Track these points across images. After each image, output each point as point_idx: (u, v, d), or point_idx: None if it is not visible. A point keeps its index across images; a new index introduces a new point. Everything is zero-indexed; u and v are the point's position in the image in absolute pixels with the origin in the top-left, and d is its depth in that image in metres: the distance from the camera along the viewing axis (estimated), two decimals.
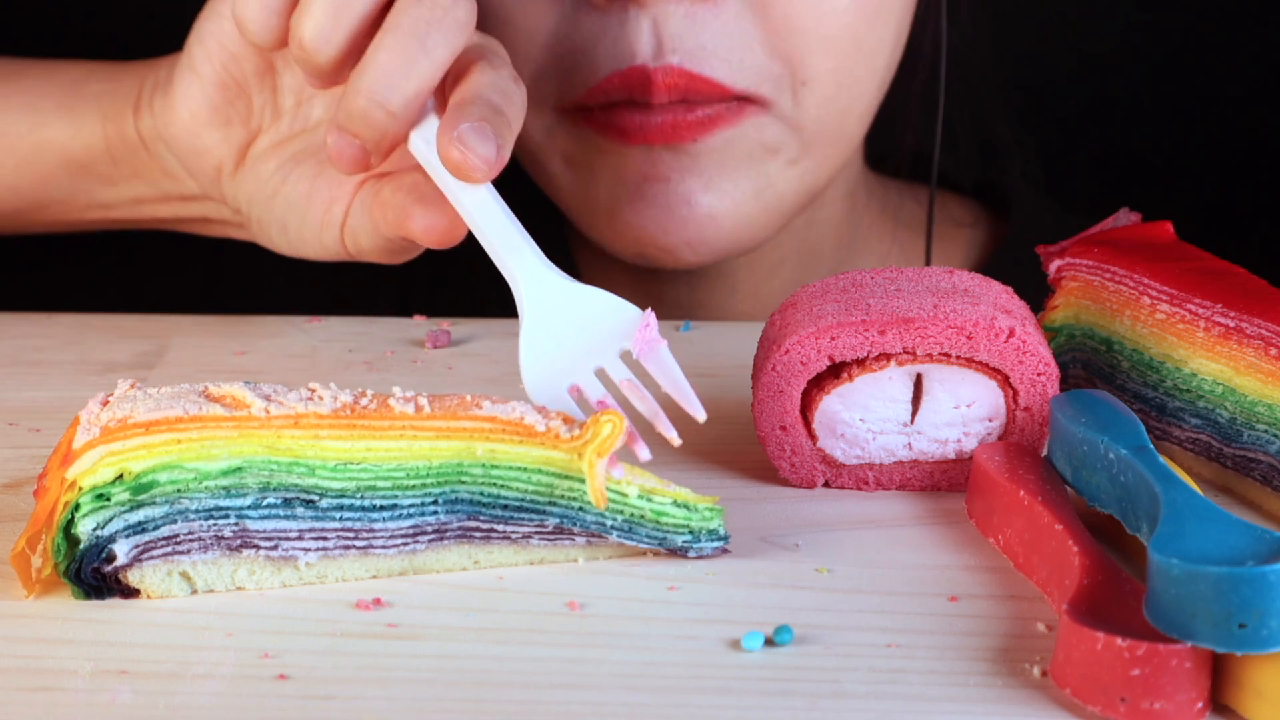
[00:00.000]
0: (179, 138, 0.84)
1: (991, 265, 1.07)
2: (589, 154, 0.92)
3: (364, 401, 0.63)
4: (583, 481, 0.63)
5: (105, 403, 0.63)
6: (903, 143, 1.08)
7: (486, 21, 0.89)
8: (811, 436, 0.70)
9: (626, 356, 0.70)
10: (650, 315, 0.69)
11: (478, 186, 0.73)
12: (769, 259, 1.02)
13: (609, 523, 0.64)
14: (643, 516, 0.64)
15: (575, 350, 0.70)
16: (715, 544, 0.65)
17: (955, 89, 1.05)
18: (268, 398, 0.62)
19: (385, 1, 0.74)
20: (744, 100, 0.89)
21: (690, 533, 0.65)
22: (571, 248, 1.04)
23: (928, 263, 1.04)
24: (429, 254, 1.11)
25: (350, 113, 0.73)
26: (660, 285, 1.03)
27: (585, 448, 0.62)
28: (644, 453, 0.64)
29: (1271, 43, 1.24)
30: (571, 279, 0.72)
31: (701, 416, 0.67)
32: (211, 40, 0.82)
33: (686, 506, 0.64)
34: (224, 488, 0.62)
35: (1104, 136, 1.27)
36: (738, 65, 0.88)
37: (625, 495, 0.64)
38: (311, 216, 0.82)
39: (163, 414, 0.61)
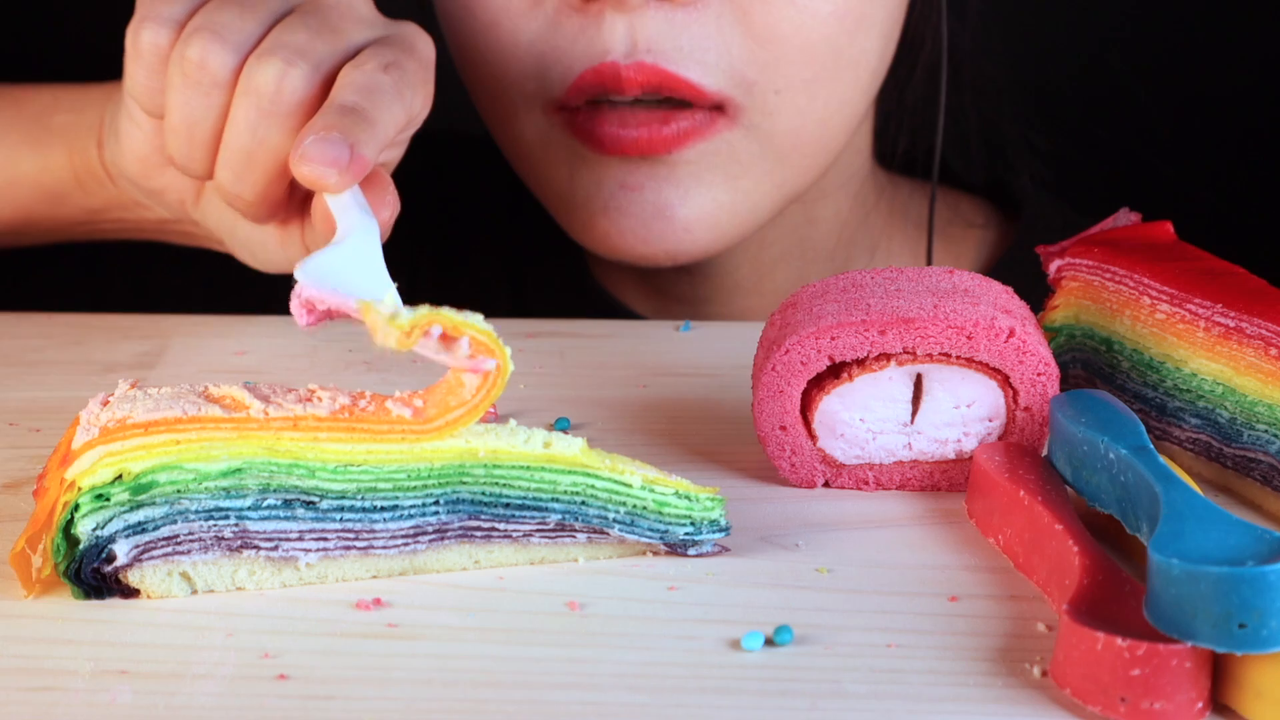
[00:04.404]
0: (135, 179, 0.85)
1: (1001, 265, 1.07)
2: (572, 161, 0.92)
3: (362, 403, 0.63)
4: (586, 475, 0.63)
5: (105, 403, 0.63)
6: (912, 141, 1.08)
7: (471, 26, 0.91)
8: (811, 436, 0.70)
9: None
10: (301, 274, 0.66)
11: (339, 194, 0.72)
12: (773, 254, 1.02)
13: (611, 516, 0.64)
14: (645, 508, 0.64)
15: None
16: (716, 535, 0.65)
17: (965, 90, 1.05)
18: (266, 399, 0.62)
19: (226, 109, 0.76)
20: (716, 111, 0.89)
21: (692, 523, 0.65)
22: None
23: (929, 262, 1.04)
24: (431, 253, 1.11)
25: (221, 195, 0.78)
26: (663, 280, 1.03)
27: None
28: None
29: (1278, 45, 1.24)
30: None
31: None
32: None
33: (688, 497, 0.65)
34: (224, 488, 0.62)
35: (1114, 137, 1.27)
36: (712, 67, 0.88)
37: (629, 486, 0.64)
38: (271, 236, 0.84)
39: (161, 414, 0.61)
